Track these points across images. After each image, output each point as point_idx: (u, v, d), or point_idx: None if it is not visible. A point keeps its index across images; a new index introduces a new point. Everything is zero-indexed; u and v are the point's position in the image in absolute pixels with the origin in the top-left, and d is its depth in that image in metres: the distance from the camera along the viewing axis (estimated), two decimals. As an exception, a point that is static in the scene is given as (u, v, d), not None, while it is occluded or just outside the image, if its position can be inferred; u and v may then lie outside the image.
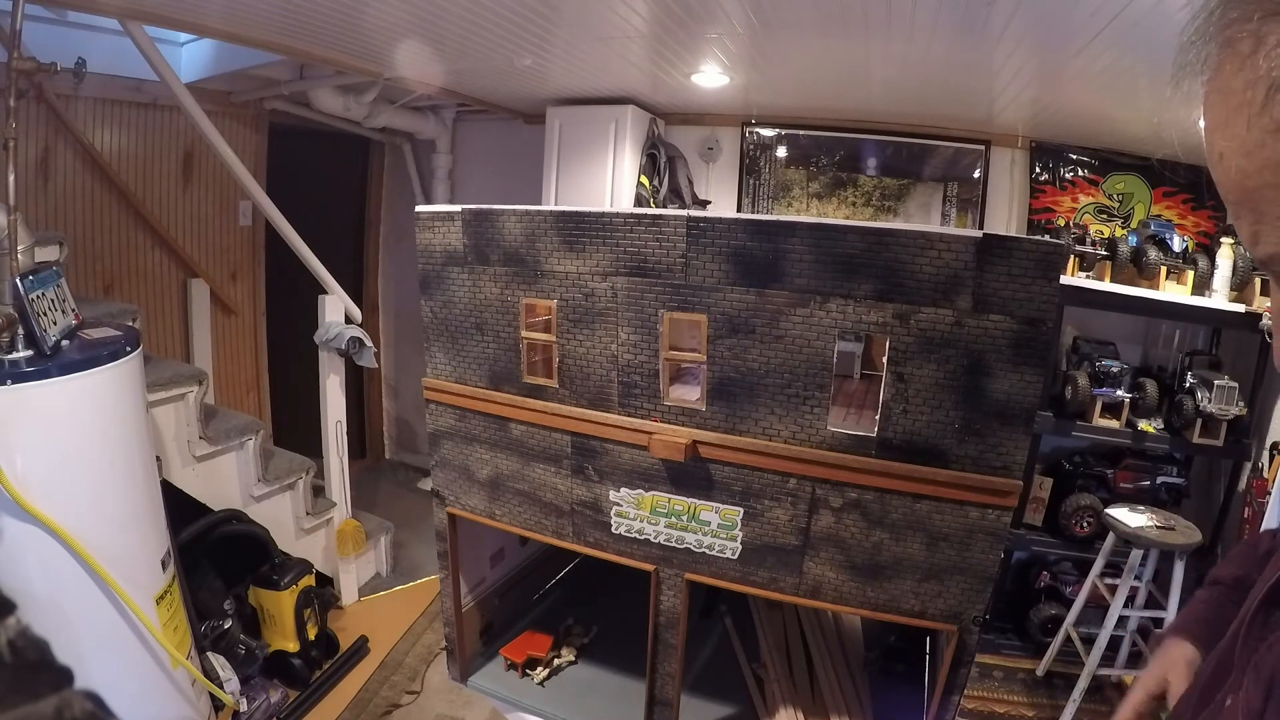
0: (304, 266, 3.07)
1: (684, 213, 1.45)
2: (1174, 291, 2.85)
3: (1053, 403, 2.89)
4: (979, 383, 1.33)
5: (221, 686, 2.17)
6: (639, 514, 1.62)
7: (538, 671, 1.98)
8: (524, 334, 1.65)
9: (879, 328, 1.36)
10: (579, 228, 1.53)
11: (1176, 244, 2.89)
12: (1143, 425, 2.79)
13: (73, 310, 1.80)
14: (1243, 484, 2.82)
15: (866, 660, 2.11)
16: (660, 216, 1.46)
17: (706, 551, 1.57)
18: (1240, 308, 2.68)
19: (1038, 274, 1.27)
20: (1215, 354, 2.91)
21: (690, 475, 1.54)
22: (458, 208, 1.65)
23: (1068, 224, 3.19)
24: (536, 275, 1.60)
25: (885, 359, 1.38)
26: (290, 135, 3.71)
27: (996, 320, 1.30)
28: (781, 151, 3.55)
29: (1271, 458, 2.69)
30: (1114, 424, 2.82)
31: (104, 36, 2.55)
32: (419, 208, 1.72)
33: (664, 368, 1.53)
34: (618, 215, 1.50)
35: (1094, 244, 2.95)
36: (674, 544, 1.60)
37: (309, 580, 2.68)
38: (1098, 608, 2.67)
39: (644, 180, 3.23)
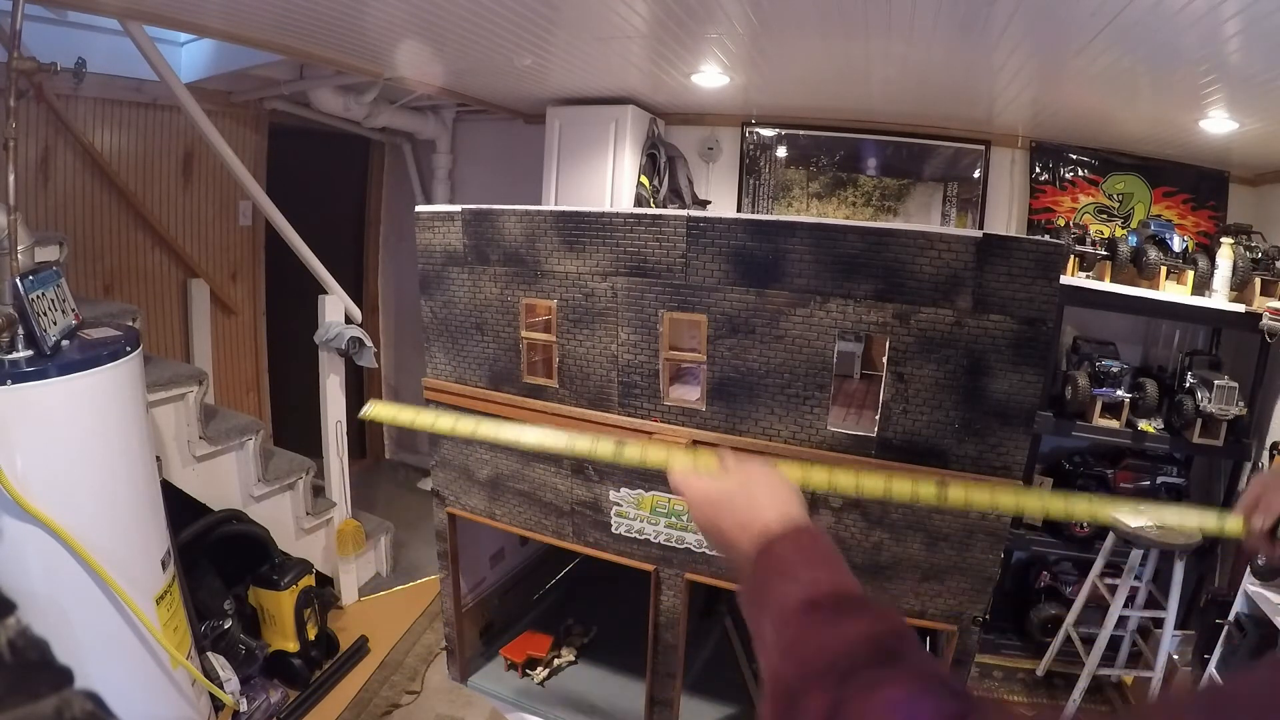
0: (304, 266, 3.06)
1: (684, 213, 1.45)
2: (1174, 291, 2.85)
3: (1053, 403, 2.89)
4: (979, 383, 1.33)
5: (221, 686, 2.17)
6: (639, 514, 1.62)
7: (538, 671, 1.98)
8: (524, 334, 1.65)
9: (879, 328, 1.36)
10: (579, 228, 1.53)
11: (1176, 244, 2.88)
12: (1143, 425, 2.79)
13: (73, 310, 1.80)
14: (1243, 484, 2.82)
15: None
16: (660, 216, 1.46)
17: (706, 551, 1.58)
18: (1240, 308, 2.68)
19: (1038, 274, 1.27)
20: (1215, 354, 2.90)
21: (690, 475, 1.54)
22: (458, 208, 1.65)
23: (1068, 224, 3.19)
24: (536, 275, 1.60)
25: (885, 359, 1.38)
26: (290, 135, 3.71)
27: (996, 320, 1.30)
28: (781, 151, 3.54)
29: (1271, 458, 2.69)
30: (1114, 424, 2.81)
31: (104, 36, 2.55)
32: (419, 208, 1.72)
33: (664, 368, 1.53)
34: (618, 215, 1.50)
35: (1094, 244, 2.95)
36: (674, 544, 1.60)
37: (309, 580, 2.67)
38: (1098, 608, 2.67)
39: (644, 180, 3.23)
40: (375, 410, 1.10)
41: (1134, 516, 2.42)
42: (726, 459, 0.76)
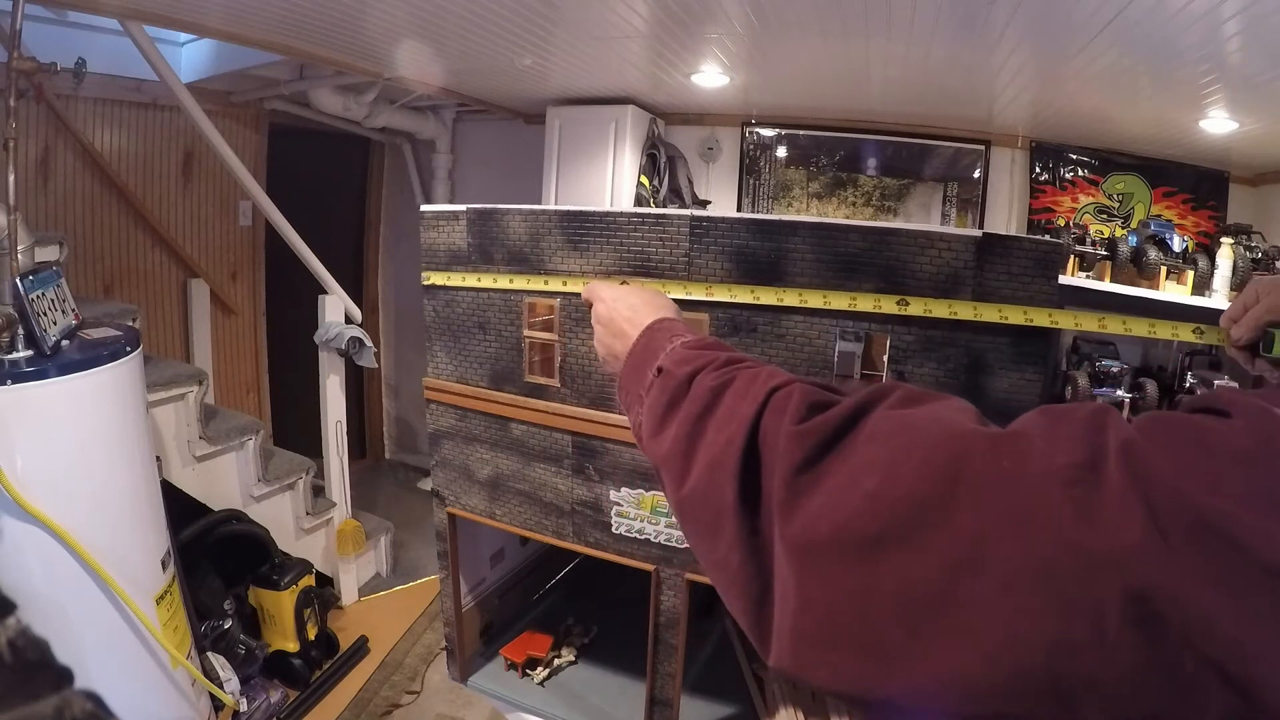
0: (304, 266, 3.06)
1: (687, 212, 1.45)
2: (1174, 291, 2.85)
3: (1053, 402, 2.89)
4: (979, 382, 1.33)
5: (221, 686, 2.17)
6: (639, 514, 1.62)
7: (538, 671, 1.98)
8: (526, 333, 1.65)
9: (879, 327, 1.36)
10: (583, 227, 1.53)
11: (1176, 244, 2.88)
12: (1143, 425, 2.79)
13: (73, 310, 1.80)
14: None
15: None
16: (664, 216, 1.46)
17: (707, 551, 1.57)
18: (1241, 308, 2.68)
19: (1037, 273, 1.27)
20: (1215, 354, 2.90)
21: (691, 475, 1.54)
22: (462, 207, 1.65)
23: (1068, 224, 3.19)
24: (540, 274, 1.59)
25: (885, 358, 1.38)
26: (290, 135, 3.71)
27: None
28: (781, 151, 3.55)
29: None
30: (1114, 424, 2.81)
31: (104, 36, 2.55)
32: (424, 206, 1.72)
33: (664, 367, 1.52)
34: (621, 214, 1.50)
35: (1094, 244, 2.95)
36: (674, 544, 1.60)
37: (309, 580, 2.67)
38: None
39: (644, 180, 3.23)
40: None
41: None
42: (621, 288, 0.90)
